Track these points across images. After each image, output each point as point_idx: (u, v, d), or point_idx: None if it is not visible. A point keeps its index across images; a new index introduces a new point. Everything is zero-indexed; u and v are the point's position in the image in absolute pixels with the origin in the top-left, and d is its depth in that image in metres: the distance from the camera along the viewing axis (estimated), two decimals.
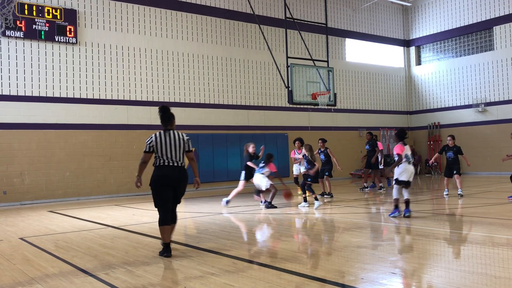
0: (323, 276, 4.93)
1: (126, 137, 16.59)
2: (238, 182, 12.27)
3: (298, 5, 21.39)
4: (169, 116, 6.37)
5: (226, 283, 4.80)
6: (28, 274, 5.48)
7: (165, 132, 6.31)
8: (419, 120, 25.33)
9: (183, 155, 6.36)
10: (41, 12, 14.99)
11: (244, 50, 19.75)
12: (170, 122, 6.38)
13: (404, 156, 8.87)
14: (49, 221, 10.32)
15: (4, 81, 14.56)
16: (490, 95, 22.16)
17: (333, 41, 22.54)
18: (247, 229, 8.22)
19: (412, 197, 13.28)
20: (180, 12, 18.14)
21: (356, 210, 10.81)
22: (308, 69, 15.66)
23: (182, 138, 6.33)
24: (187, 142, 6.33)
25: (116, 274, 5.34)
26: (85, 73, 15.95)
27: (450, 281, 4.69)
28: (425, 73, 25.08)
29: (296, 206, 11.47)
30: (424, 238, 7.04)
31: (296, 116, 20.98)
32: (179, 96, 17.92)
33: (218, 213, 10.66)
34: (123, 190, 16.37)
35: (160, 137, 6.26)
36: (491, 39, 22.28)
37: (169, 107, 6.46)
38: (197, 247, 6.72)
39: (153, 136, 6.29)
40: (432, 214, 9.81)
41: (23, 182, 14.64)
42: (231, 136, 18.98)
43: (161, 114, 6.38)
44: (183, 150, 6.33)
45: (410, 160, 8.96)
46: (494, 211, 9.74)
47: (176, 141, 6.27)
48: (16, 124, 14.65)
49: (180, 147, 6.29)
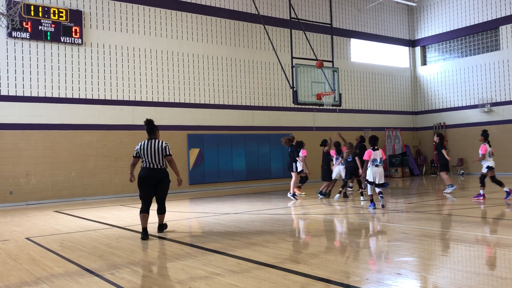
0: (328, 277, 4.93)
1: (131, 137, 16.62)
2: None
3: (303, 5, 21.38)
4: (152, 128, 7.85)
5: (231, 283, 4.80)
6: (34, 274, 5.51)
7: (149, 140, 7.78)
8: (424, 120, 25.24)
9: (163, 159, 7.73)
10: (47, 13, 15.06)
11: (249, 50, 19.76)
12: (153, 132, 7.85)
13: (371, 160, 10.34)
14: (55, 221, 10.37)
15: (10, 82, 14.64)
16: (496, 95, 22.05)
17: (338, 41, 22.51)
18: (252, 230, 8.23)
19: (418, 197, 13.24)
20: (185, 13, 18.18)
21: (361, 210, 10.79)
22: (313, 69, 15.63)
23: (161, 145, 7.73)
24: (165, 149, 7.72)
25: (121, 274, 5.36)
26: (90, 74, 16.01)
27: (456, 282, 4.67)
28: (430, 73, 24.98)
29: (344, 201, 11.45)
30: (429, 238, 7.02)
31: (301, 116, 20.96)
32: (184, 96, 17.95)
33: (223, 213, 10.67)
34: (128, 190, 16.41)
35: (145, 145, 7.75)
36: (497, 39, 22.17)
37: (153, 120, 7.96)
38: (202, 247, 6.73)
39: (140, 144, 7.83)
40: (437, 215, 9.77)
41: (29, 182, 14.72)
42: (236, 137, 18.99)
43: (146, 126, 7.85)
44: (163, 155, 7.71)
45: (378, 164, 10.36)
46: (500, 212, 9.69)
47: (157, 147, 7.68)
48: (22, 124, 14.72)
49: (160, 152, 7.68)
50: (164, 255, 6.53)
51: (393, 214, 9.90)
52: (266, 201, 13.42)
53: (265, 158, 19.63)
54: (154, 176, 7.69)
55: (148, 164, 7.68)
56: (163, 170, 7.78)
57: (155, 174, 7.70)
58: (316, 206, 11.79)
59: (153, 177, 7.69)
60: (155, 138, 7.84)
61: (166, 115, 17.46)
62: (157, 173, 7.71)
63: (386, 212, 10.10)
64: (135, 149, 7.89)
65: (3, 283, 5.15)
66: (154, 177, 7.70)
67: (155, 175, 7.70)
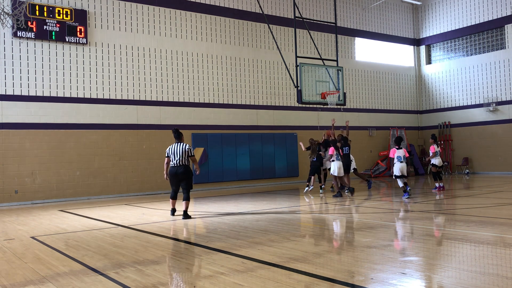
0: (333, 276, 4.92)
1: (136, 136, 16.67)
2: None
3: (307, 5, 21.34)
4: (178, 134, 9.95)
5: (236, 282, 4.80)
6: (40, 272, 5.53)
7: (176, 144, 9.87)
8: (429, 119, 25.16)
9: (187, 158, 9.81)
10: (51, 13, 15.11)
11: (253, 49, 19.75)
12: (180, 138, 9.92)
13: (396, 157, 12.34)
14: (60, 220, 10.41)
15: (15, 82, 14.70)
16: (502, 94, 21.94)
17: (343, 40, 22.46)
18: (257, 229, 8.23)
19: (422, 197, 13.19)
20: (189, 12, 18.19)
21: (365, 210, 10.77)
22: (317, 68, 15.61)
23: (185, 148, 9.78)
24: (189, 150, 9.79)
25: (126, 273, 5.37)
26: (95, 73, 16.06)
27: (461, 281, 4.66)
28: (435, 72, 24.89)
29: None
30: (434, 238, 6.99)
31: (305, 115, 20.94)
32: (188, 95, 17.97)
33: (227, 213, 10.67)
34: (133, 190, 16.46)
35: (173, 147, 9.84)
36: (502, 38, 22.06)
37: (178, 129, 10.07)
38: (207, 247, 6.73)
39: (169, 147, 9.91)
40: (441, 214, 9.74)
41: (34, 181, 14.78)
42: (240, 136, 18.99)
43: (174, 133, 9.97)
44: (187, 155, 9.80)
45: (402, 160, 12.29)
46: (506, 211, 9.64)
47: (181, 150, 9.75)
48: (27, 124, 14.79)
49: (184, 153, 9.74)
50: (169, 254, 6.54)
51: (398, 214, 9.87)
52: (270, 200, 13.41)
53: (269, 157, 19.63)
54: (178, 171, 9.75)
55: (175, 163, 9.75)
56: (185, 166, 9.78)
57: (179, 170, 9.76)
58: (321, 205, 11.78)
59: (177, 172, 9.76)
60: (180, 142, 9.89)
61: (171, 114, 17.49)
62: (180, 169, 9.76)
63: (391, 211, 10.07)
64: (166, 151, 9.99)
65: (8, 282, 5.17)
66: (178, 172, 9.76)
67: (179, 171, 9.75)
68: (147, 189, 16.69)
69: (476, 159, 22.32)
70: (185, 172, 9.70)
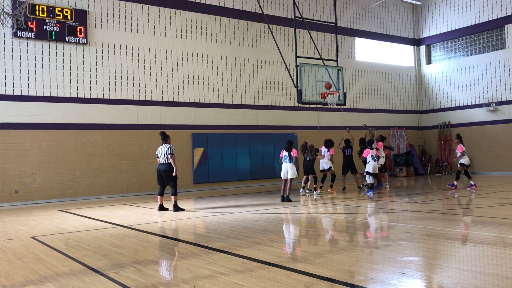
0: (333, 276, 4.92)
1: (136, 136, 16.67)
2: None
3: (307, 4, 21.34)
4: (164, 136, 11.29)
5: (236, 282, 4.80)
6: (40, 272, 5.53)
7: (162, 145, 11.25)
8: (429, 119, 25.16)
9: (167, 157, 11.08)
10: (51, 12, 15.12)
11: (253, 49, 19.75)
12: (165, 139, 11.26)
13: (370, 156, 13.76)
14: (60, 220, 10.41)
15: (15, 82, 14.70)
16: (502, 94, 21.94)
17: (343, 40, 22.46)
18: (257, 229, 8.23)
19: (423, 197, 13.20)
20: (189, 12, 18.19)
21: (364, 210, 10.77)
22: (317, 68, 15.62)
23: (166, 148, 11.08)
24: (168, 149, 11.04)
25: (126, 273, 5.37)
26: (95, 73, 16.06)
27: (461, 281, 4.66)
28: (435, 72, 24.89)
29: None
30: (434, 238, 6.99)
31: (305, 115, 20.94)
32: (188, 95, 17.97)
33: (227, 213, 10.68)
34: (133, 190, 16.46)
35: (160, 148, 11.23)
36: (502, 38, 22.06)
37: (164, 132, 11.45)
38: (207, 247, 6.73)
39: (158, 148, 11.30)
40: (442, 214, 9.74)
41: (34, 181, 14.78)
42: (240, 136, 18.99)
43: (161, 135, 11.35)
44: (167, 154, 11.08)
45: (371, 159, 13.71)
46: (506, 211, 9.64)
47: (164, 150, 11.09)
48: (27, 124, 14.79)
49: (166, 153, 11.06)
50: (169, 254, 6.55)
51: (398, 214, 9.88)
52: (270, 200, 13.42)
53: (269, 157, 19.62)
54: (162, 168, 11.10)
55: (160, 161, 11.15)
56: (167, 165, 11.06)
57: (162, 167, 11.11)
58: (321, 206, 11.79)
59: (161, 169, 11.11)
60: (165, 143, 11.19)
61: (171, 114, 17.48)
62: (163, 167, 11.10)
63: (391, 211, 10.07)
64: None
65: (8, 282, 5.18)
66: (162, 169, 11.11)
67: (162, 168, 11.10)
68: (147, 189, 16.69)
69: (476, 159, 22.31)
70: (167, 170, 11.01)
